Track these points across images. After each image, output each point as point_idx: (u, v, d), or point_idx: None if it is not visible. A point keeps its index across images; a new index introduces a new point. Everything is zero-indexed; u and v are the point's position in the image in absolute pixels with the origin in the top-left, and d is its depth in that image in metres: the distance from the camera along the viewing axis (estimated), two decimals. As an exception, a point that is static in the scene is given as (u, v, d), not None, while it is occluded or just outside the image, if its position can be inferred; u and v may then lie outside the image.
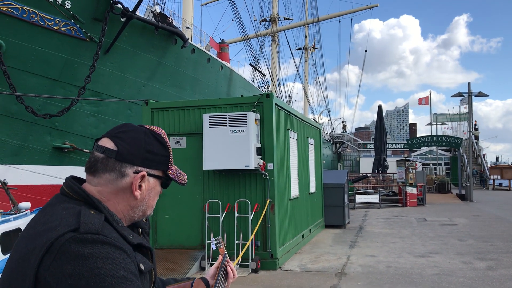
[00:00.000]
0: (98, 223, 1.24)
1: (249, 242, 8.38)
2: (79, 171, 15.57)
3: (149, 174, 1.40)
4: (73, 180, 1.39)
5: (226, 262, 1.78)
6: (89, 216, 1.25)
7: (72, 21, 13.61)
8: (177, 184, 1.49)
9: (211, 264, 8.67)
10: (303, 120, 12.61)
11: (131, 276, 1.20)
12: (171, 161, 1.47)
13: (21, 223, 9.00)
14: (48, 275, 1.14)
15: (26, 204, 9.81)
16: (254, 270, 8.41)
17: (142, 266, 1.29)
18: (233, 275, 1.81)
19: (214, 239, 2.14)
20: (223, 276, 1.82)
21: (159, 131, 1.46)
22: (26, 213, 9.68)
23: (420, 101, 44.95)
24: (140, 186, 1.39)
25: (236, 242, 8.69)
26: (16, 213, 9.43)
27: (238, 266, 8.44)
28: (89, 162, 1.39)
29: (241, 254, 8.24)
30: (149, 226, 1.54)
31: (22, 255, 1.21)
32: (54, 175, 14.34)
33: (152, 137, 1.42)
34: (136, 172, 1.38)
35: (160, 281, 1.65)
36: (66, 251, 1.15)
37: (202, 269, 8.63)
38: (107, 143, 1.38)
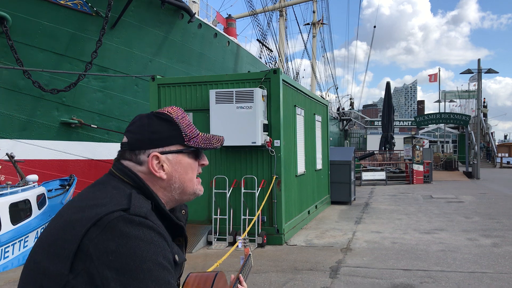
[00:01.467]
0: (147, 208, 1.29)
1: (255, 218, 8.44)
2: (86, 146, 15.66)
3: (163, 153, 1.42)
4: (124, 164, 1.44)
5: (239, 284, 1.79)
6: (140, 200, 1.30)
7: (78, -5, 13.48)
8: (211, 149, 1.51)
9: (218, 239, 8.78)
10: (310, 97, 12.53)
11: (168, 265, 1.23)
12: (185, 132, 1.45)
13: (29, 194, 9.14)
14: (91, 247, 1.16)
15: (33, 177, 9.93)
16: (261, 245, 8.50)
17: (177, 258, 1.32)
18: None
19: (242, 238, 2.16)
20: (246, 275, 1.86)
21: (163, 110, 1.47)
22: (34, 186, 9.80)
23: (431, 78, 44.54)
24: (162, 166, 1.41)
25: (242, 217, 8.77)
26: (23, 186, 9.56)
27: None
28: None
29: (247, 229, 8.32)
30: (187, 218, 1.56)
31: (67, 222, 1.25)
32: (62, 150, 14.44)
33: (154, 118, 1.44)
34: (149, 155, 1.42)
35: None
36: (113, 228, 1.18)
37: (209, 243, 8.73)
38: (123, 139, 1.47)
